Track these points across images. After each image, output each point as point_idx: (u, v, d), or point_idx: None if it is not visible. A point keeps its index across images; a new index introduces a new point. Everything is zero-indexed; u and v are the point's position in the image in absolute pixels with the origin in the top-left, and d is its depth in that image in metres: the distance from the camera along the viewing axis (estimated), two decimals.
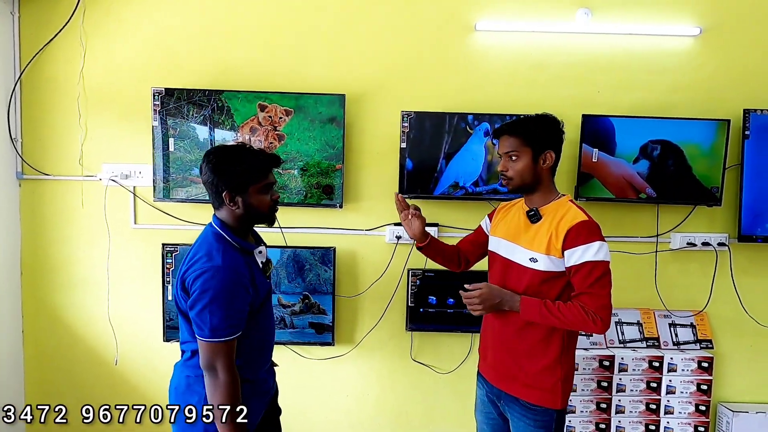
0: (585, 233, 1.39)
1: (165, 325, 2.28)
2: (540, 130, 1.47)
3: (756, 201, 2.25)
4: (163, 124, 2.20)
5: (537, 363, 1.48)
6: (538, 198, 1.50)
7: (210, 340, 1.26)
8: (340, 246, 2.30)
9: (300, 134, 2.22)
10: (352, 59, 2.27)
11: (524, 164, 1.46)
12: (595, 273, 1.37)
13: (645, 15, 2.24)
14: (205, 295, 1.25)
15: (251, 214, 1.37)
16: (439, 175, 2.23)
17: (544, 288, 1.45)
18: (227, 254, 1.31)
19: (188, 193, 2.23)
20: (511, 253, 1.54)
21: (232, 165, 1.33)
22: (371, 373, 2.41)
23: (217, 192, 1.35)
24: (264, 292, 1.41)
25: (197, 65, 2.27)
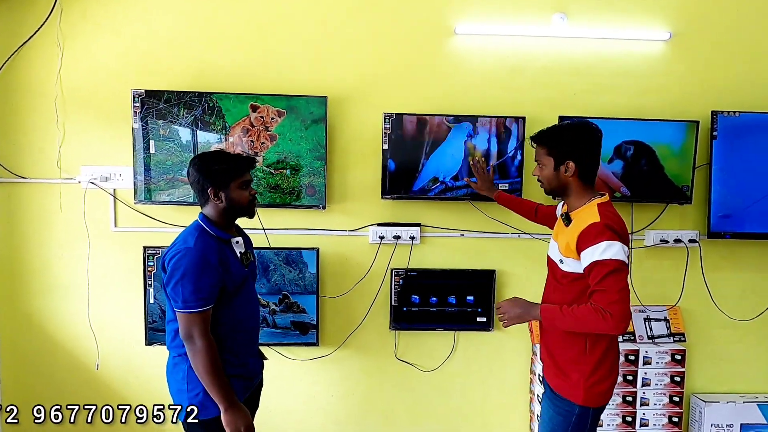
0: (593, 235, 1.41)
1: (147, 328, 2.26)
2: (561, 140, 1.51)
3: (724, 199, 2.34)
4: (144, 126, 2.18)
5: (564, 354, 1.56)
6: (572, 202, 1.56)
7: (183, 311, 1.44)
8: (323, 247, 2.31)
9: (292, 134, 2.23)
10: (335, 62, 2.29)
11: (548, 172, 1.54)
12: (603, 271, 1.39)
13: (618, 20, 2.32)
14: (177, 272, 1.45)
15: (233, 207, 1.56)
16: (420, 174, 2.27)
17: (573, 288, 1.51)
18: (200, 240, 1.50)
19: (171, 196, 2.22)
20: (553, 252, 1.63)
21: (214, 164, 1.55)
22: (356, 373, 2.43)
23: (202, 190, 1.55)
24: (240, 278, 1.57)
25: (179, 67, 2.26)
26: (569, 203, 1.58)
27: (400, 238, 2.32)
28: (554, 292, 1.62)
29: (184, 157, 2.20)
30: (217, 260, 1.48)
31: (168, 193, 2.22)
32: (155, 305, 2.25)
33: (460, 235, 2.38)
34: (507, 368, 2.46)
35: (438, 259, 2.38)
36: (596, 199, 1.52)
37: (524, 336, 2.44)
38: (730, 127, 2.32)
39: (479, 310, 2.36)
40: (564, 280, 1.55)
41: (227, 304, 1.53)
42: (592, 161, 1.52)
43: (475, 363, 2.45)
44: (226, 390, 1.46)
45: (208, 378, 1.44)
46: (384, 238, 2.32)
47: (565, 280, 1.54)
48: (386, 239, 2.32)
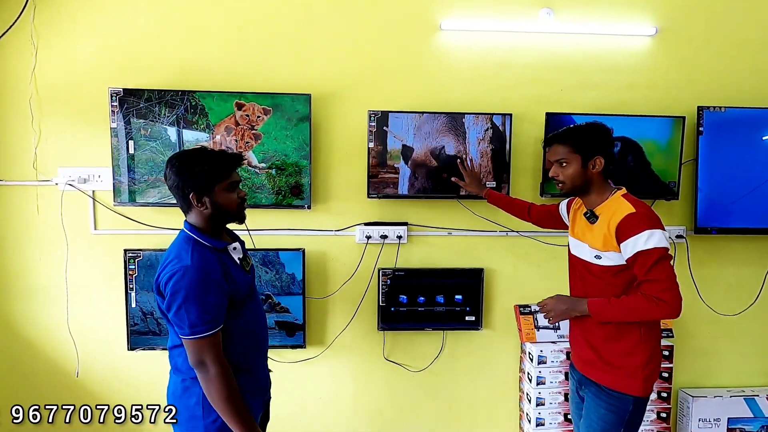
0: (633, 225, 1.43)
1: (129, 333, 2.21)
2: (588, 137, 1.54)
3: (710, 195, 2.35)
4: (124, 126, 2.13)
5: (615, 348, 1.54)
6: (594, 198, 1.56)
7: (192, 337, 1.30)
8: (309, 247, 2.28)
9: (277, 133, 2.19)
10: (319, 59, 2.24)
11: (574, 170, 1.53)
12: (649, 261, 1.40)
13: (604, 15, 2.30)
14: (178, 295, 1.28)
15: (220, 213, 1.40)
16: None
17: (617, 280, 1.51)
18: (196, 254, 1.34)
19: (152, 197, 2.17)
20: (581, 251, 1.62)
21: (195, 166, 1.36)
22: (344, 375, 2.40)
23: (183, 195, 1.37)
24: (245, 286, 1.44)
25: (160, 65, 2.20)
26: (589, 200, 1.58)
27: (387, 237, 2.29)
28: (593, 288, 1.58)
29: (166, 157, 2.14)
30: (220, 274, 1.34)
31: (149, 194, 2.17)
32: (137, 309, 2.20)
33: (447, 234, 2.36)
34: (496, 367, 2.45)
35: (425, 259, 2.36)
36: (618, 191, 1.55)
37: (513, 334, 2.42)
38: (716, 123, 2.32)
39: (468, 309, 2.34)
40: (605, 275, 1.53)
41: (236, 317, 1.39)
42: (613, 159, 1.57)
43: (464, 362, 2.44)
44: (245, 416, 1.34)
45: (226, 406, 1.31)
46: (371, 238, 2.29)
47: (607, 275, 1.52)
48: (373, 239, 2.29)
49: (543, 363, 2.26)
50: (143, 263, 2.18)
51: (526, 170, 2.33)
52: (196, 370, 1.32)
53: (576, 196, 1.64)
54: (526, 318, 2.35)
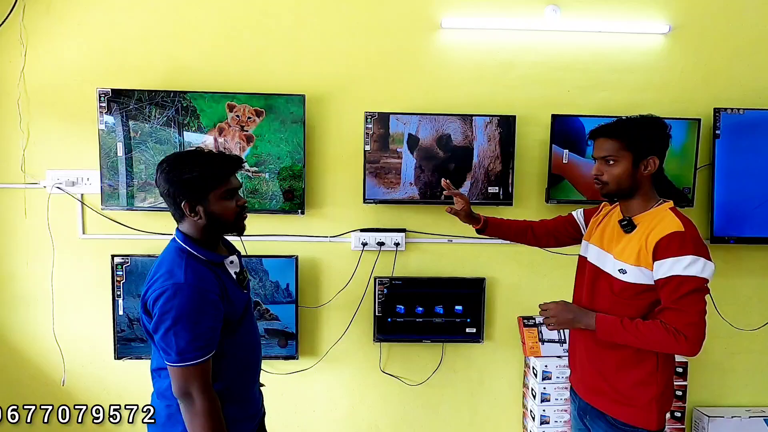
0: (677, 245, 1.24)
1: (116, 341, 2.14)
2: (643, 133, 1.34)
3: (727, 202, 2.21)
4: (114, 127, 2.06)
5: (629, 377, 1.36)
6: (637, 205, 1.37)
7: (179, 365, 1.15)
8: (302, 254, 2.19)
9: (271, 136, 2.11)
10: (314, 58, 2.16)
11: (622, 169, 1.33)
12: (684, 288, 1.22)
13: (614, 12, 2.19)
14: (167, 316, 1.14)
15: (216, 223, 1.25)
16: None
17: (636, 302, 1.34)
18: (191, 269, 1.19)
19: (142, 201, 2.10)
20: (602, 261, 1.43)
21: (187, 171, 1.21)
22: (339, 387, 2.30)
23: (175, 203, 1.23)
24: (242, 305, 1.30)
25: (150, 65, 2.13)
26: (629, 206, 1.38)
27: (384, 244, 2.19)
28: (604, 303, 1.41)
29: (157, 159, 2.08)
30: (217, 294, 1.20)
31: (139, 198, 2.10)
32: (124, 317, 2.13)
33: (447, 241, 2.25)
34: (498, 382, 2.33)
35: (424, 267, 2.26)
36: (665, 203, 1.36)
37: (516, 348, 2.30)
38: (734, 126, 2.19)
39: (468, 321, 2.23)
40: (625, 294, 1.34)
41: (229, 339, 1.25)
42: (664, 159, 1.38)
43: (464, 376, 2.32)
44: None
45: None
46: (367, 245, 2.19)
47: (628, 293, 1.34)
48: (369, 246, 2.19)
49: (548, 379, 2.14)
50: (131, 269, 2.11)
51: (531, 175, 2.22)
52: (180, 401, 1.19)
53: (618, 200, 1.42)
54: (530, 330, 2.23)
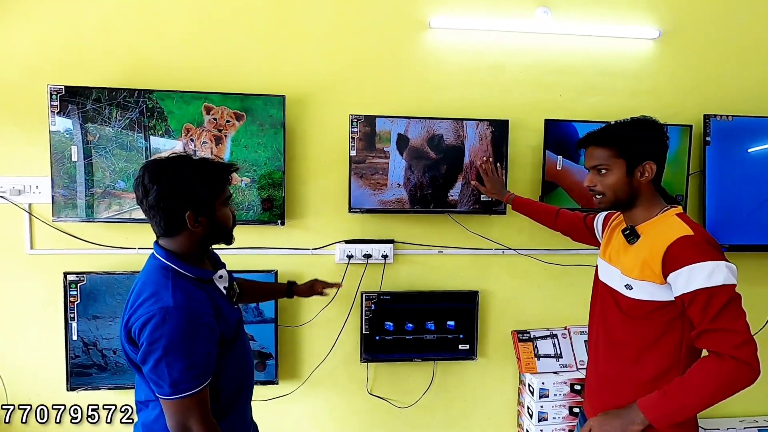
0: (689, 251, 1.10)
1: (69, 371, 1.89)
2: (635, 137, 1.23)
3: (719, 209, 2.18)
4: (71, 128, 1.84)
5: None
6: (640, 214, 1.25)
7: (173, 398, 1.04)
8: (282, 268, 2.01)
9: (247, 140, 1.93)
10: (295, 57, 2.00)
11: (616, 178, 1.23)
12: (716, 302, 1.07)
13: (604, 16, 2.13)
14: (157, 345, 1.03)
15: (216, 232, 1.17)
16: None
17: (647, 322, 1.19)
18: (179, 290, 1.08)
19: (101, 212, 1.87)
20: (609, 277, 1.30)
21: (195, 178, 1.11)
22: (323, 412, 2.12)
23: (173, 214, 1.10)
24: (235, 322, 1.21)
25: (111, 60, 1.92)
26: (632, 215, 1.27)
27: (371, 256, 2.04)
28: (617, 329, 1.26)
29: (120, 166, 1.87)
30: (210, 315, 1.10)
31: (99, 208, 1.87)
32: (79, 342, 1.89)
33: (438, 253, 2.12)
34: (492, 401, 2.20)
35: (414, 280, 2.11)
36: (672, 209, 1.24)
37: (511, 364, 2.19)
38: (724, 132, 2.17)
39: (461, 337, 2.09)
40: (634, 313, 1.21)
41: (223, 361, 1.15)
42: (664, 162, 1.26)
43: (456, 395, 2.18)
44: None
45: None
46: (353, 257, 2.04)
47: (637, 312, 1.21)
48: (355, 258, 2.04)
49: (545, 397, 2.03)
50: (87, 288, 1.88)
51: (524, 182, 2.12)
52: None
53: (619, 210, 1.34)
54: (525, 345, 2.12)
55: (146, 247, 1.96)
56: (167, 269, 1.11)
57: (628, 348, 1.23)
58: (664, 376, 1.18)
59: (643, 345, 1.20)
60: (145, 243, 1.97)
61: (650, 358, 1.20)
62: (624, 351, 1.24)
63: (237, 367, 1.22)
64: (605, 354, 1.30)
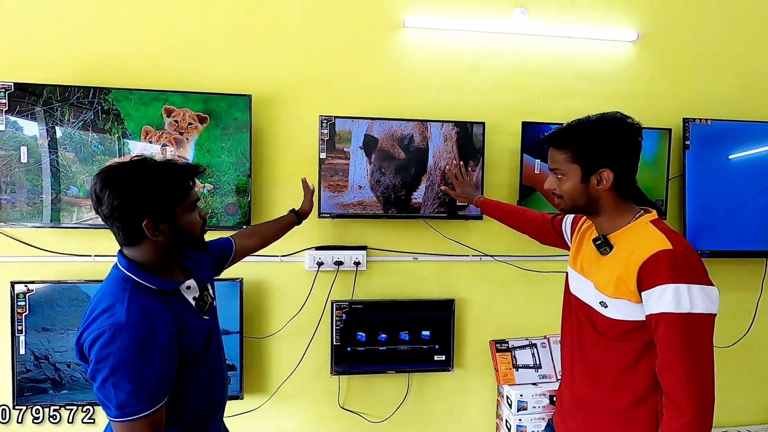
0: (665, 268, 0.99)
1: (15, 386, 1.76)
2: (593, 141, 1.09)
3: (699, 214, 2.14)
4: (21, 128, 1.72)
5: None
6: (607, 222, 1.14)
7: (120, 420, 0.97)
8: (248, 276, 1.91)
9: (210, 145, 1.83)
10: (263, 55, 1.92)
11: (571, 185, 1.12)
12: (676, 333, 0.97)
13: (582, 18, 2.09)
14: (104, 363, 0.96)
15: (181, 241, 1.08)
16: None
17: (624, 344, 1.08)
18: (135, 304, 1.00)
19: (50, 217, 1.76)
20: (581, 290, 1.20)
21: (145, 183, 1.02)
22: (292, 428, 2.01)
23: (131, 223, 1.02)
24: (203, 335, 1.13)
25: (66, 58, 1.82)
26: (600, 223, 1.16)
27: (342, 263, 1.95)
28: (593, 349, 1.15)
29: (75, 169, 1.76)
30: (169, 333, 1.01)
31: (48, 213, 1.75)
32: (27, 355, 1.76)
33: (413, 259, 2.04)
34: (470, 413, 2.12)
35: (387, 288, 2.03)
36: (644, 215, 1.12)
37: (489, 375, 2.11)
38: (704, 136, 2.13)
39: (437, 347, 2.01)
40: (611, 333, 1.11)
41: (189, 375, 1.08)
42: (633, 168, 1.12)
43: (432, 409, 2.09)
44: None
45: None
46: (323, 264, 1.94)
47: (613, 333, 1.10)
48: (326, 265, 1.95)
49: (523, 409, 1.95)
50: (36, 299, 1.76)
51: (500, 186, 2.06)
52: None
53: (583, 215, 1.25)
54: (503, 356, 2.05)
55: (103, 254, 1.85)
56: (127, 280, 1.04)
57: (605, 371, 1.13)
58: (642, 402, 1.09)
59: (620, 369, 1.10)
60: (102, 250, 1.86)
61: (627, 382, 1.10)
62: (600, 374, 1.14)
63: (206, 383, 1.14)
64: (581, 376, 1.20)
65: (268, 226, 1.62)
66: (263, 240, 1.57)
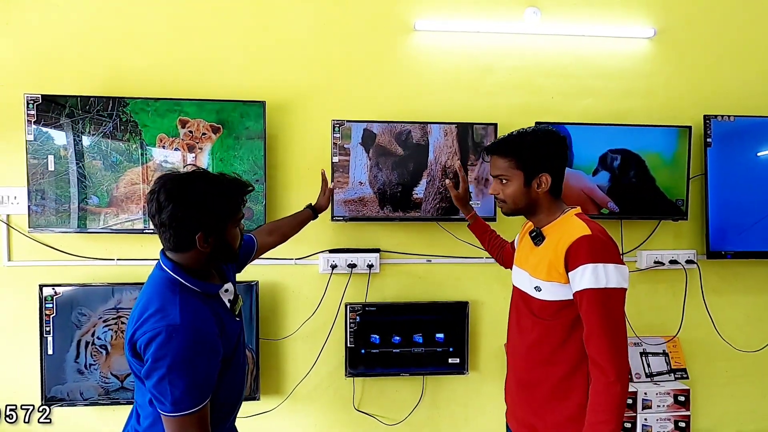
0: (585, 251, 1.16)
1: (44, 386, 1.84)
2: (533, 149, 1.25)
3: (722, 214, 2.07)
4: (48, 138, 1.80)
5: (558, 413, 1.24)
6: (543, 219, 1.30)
7: (174, 415, 1.03)
8: (263, 279, 1.94)
9: (223, 153, 1.88)
10: (276, 62, 1.96)
11: (515, 189, 1.28)
12: (597, 305, 1.14)
13: (596, 15, 2.06)
14: (162, 362, 1.02)
15: (222, 253, 1.14)
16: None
17: (556, 322, 1.23)
18: (186, 306, 1.06)
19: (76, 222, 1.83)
20: (520, 281, 1.36)
21: (208, 202, 1.07)
22: (307, 429, 2.03)
23: (186, 233, 1.08)
24: (235, 336, 1.20)
25: (89, 69, 1.90)
26: (537, 220, 1.32)
27: (355, 266, 1.97)
28: (529, 333, 1.29)
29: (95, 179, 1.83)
30: (215, 334, 1.08)
31: (75, 219, 1.83)
32: (54, 357, 1.84)
33: (426, 262, 2.04)
34: (485, 417, 2.10)
35: (401, 291, 2.04)
36: (571, 209, 1.29)
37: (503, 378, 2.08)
38: (726, 133, 2.07)
39: (451, 350, 2.00)
40: (544, 314, 1.25)
41: (222, 376, 1.13)
42: (563, 172, 1.30)
43: (447, 412, 2.08)
44: None
45: None
46: (336, 267, 1.96)
47: (547, 313, 1.24)
48: (339, 268, 1.97)
49: None
50: (63, 301, 1.83)
51: None
52: None
53: (522, 215, 1.35)
54: None
55: (125, 257, 1.92)
56: (174, 283, 1.09)
57: (541, 350, 1.26)
58: (574, 373, 1.22)
59: (553, 346, 1.24)
60: (124, 254, 1.92)
61: (560, 357, 1.23)
62: (536, 354, 1.27)
63: (232, 383, 1.19)
64: (522, 359, 1.32)
65: (286, 222, 1.65)
66: (282, 236, 1.61)
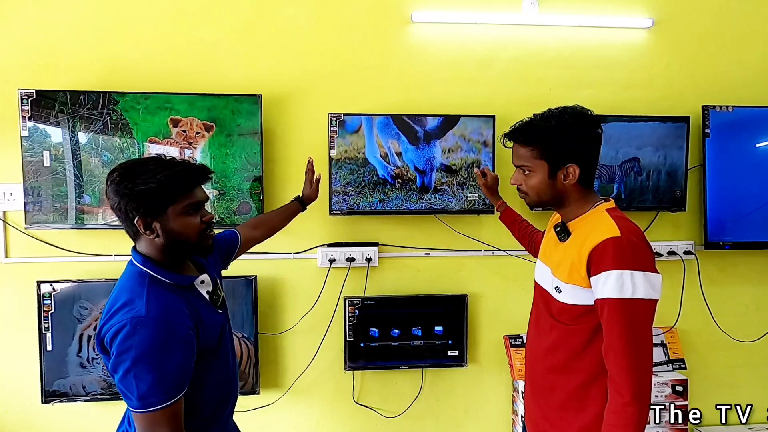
0: (611, 255, 1.03)
1: (44, 382, 1.84)
2: (559, 138, 1.10)
3: (720, 204, 2.07)
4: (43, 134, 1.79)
5: (572, 422, 1.15)
6: (571, 211, 1.18)
7: (142, 411, 0.99)
8: (262, 274, 1.94)
9: (214, 151, 1.87)
10: (270, 56, 1.94)
11: (538, 181, 1.14)
12: (619, 317, 1.01)
13: (594, 5, 2.05)
14: (126, 355, 0.98)
15: (176, 243, 1.08)
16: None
17: (575, 327, 1.12)
18: (154, 298, 1.03)
19: (74, 219, 1.82)
20: (542, 277, 1.25)
21: (142, 182, 1.03)
22: (307, 423, 2.04)
23: (128, 218, 1.06)
24: (218, 328, 1.15)
25: (83, 64, 1.88)
26: (566, 213, 1.19)
27: (354, 260, 1.97)
28: (551, 335, 1.18)
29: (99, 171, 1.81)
30: (187, 326, 1.04)
31: (71, 215, 1.82)
32: (54, 354, 1.83)
33: (425, 255, 2.04)
34: (484, 409, 2.11)
35: (400, 284, 2.04)
36: (602, 203, 1.16)
37: (503, 370, 2.09)
38: (725, 124, 2.06)
39: (450, 343, 2.01)
40: (564, 318, 1.15)
41: (204, 369, 1.10)
42: (595, 160, 1.16)
43: (446, 404, 2.09)
44: None
45: None
46: (335, 261, 1.96)
47: (566, 317, 1.14)
48: (338, 262, 1.96)
49: None
50: (61, 298, 1.82)
51: None
52: None
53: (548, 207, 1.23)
54: (517, 351, 2.03)
55: (123, 253, 1.91)
56: (143, 275, 1.06)
57: (558, 355, 1.17)
58: (592, 384, 1.12)
59: (571, 353, 1.14)
60: (122, 250, 1.92)
61: (578, 366, 1.14)
62: (554, 358, 1.18)
63: (219, 378, 1.16)
64: (539, 362, 1.23)
65: (273, 216, 1.64)
66: (270, 230, 1.59)
